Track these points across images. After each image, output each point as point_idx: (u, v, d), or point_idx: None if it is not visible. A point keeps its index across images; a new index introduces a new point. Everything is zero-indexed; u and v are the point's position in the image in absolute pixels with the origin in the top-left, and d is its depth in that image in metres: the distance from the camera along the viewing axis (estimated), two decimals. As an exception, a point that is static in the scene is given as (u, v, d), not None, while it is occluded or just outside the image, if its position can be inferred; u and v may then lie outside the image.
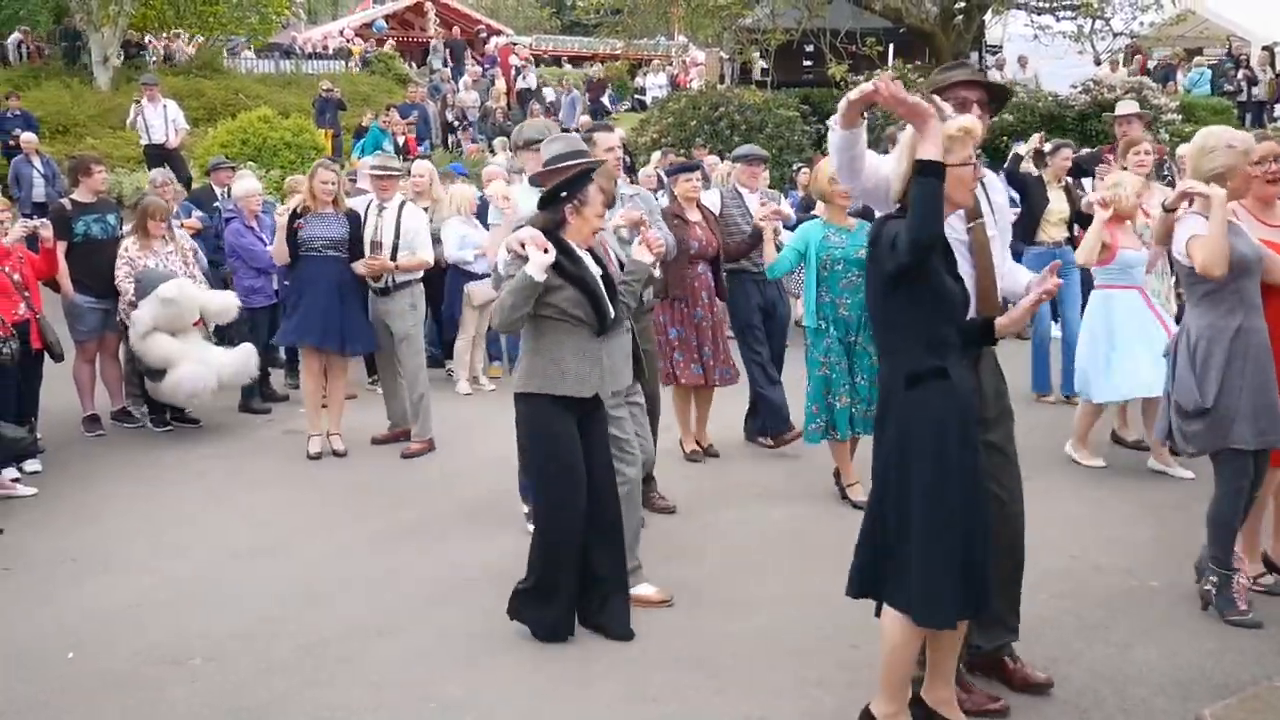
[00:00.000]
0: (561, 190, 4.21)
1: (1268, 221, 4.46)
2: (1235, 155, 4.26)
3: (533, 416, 4.26)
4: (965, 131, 3.17)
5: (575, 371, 4.18)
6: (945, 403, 3.17)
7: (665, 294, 6.45)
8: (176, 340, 7.28)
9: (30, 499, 6.22)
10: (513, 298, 4.10)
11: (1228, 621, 4.29)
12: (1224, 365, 4.17)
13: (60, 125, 17.60)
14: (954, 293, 3.19)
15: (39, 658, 4.25)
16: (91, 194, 7.62)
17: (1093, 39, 16.84)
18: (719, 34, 18.49)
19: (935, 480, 3.15)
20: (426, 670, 4.09)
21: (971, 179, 3.19)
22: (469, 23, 31.71)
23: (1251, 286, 4.20)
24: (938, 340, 3.18)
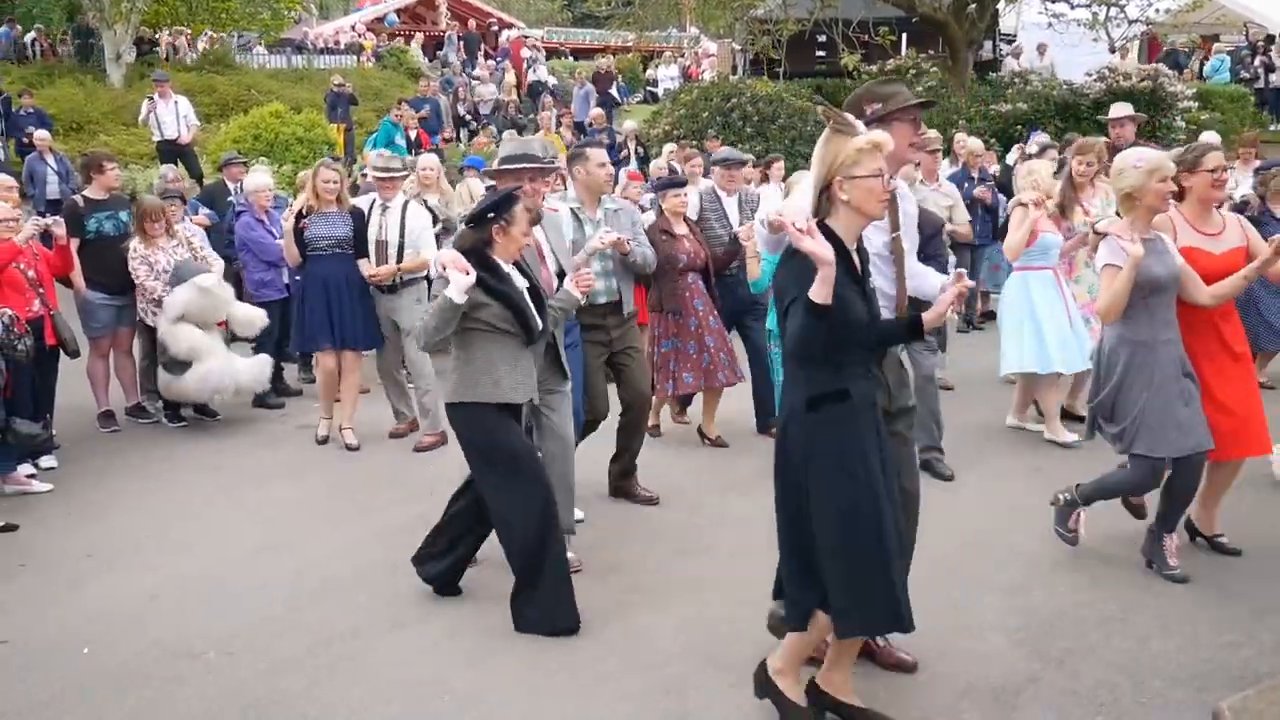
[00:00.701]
0: (488, 211, 4.32)
1: (1203, 230, 4.69)
2: (1141, 175, 4.45)
3: (471, 425, 4.32)
4: (873, 145, 3.26)
5: (509, 380, 4.30)
6: (848, 421, 3.28)
7: (660, 307, 6.64)
8: (207, 336, 7.37)
9: (46, 495, 6.25)
10: (435, 320, 4.20)
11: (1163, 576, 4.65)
12: (1123, 376, 4.51)
13: (74, 122, 17.68)
14: (859, 319, 3.26)
15: (55, 652, 4.27)
16: (104, 191, 7.65)
17: (1108, 26, 16.69)
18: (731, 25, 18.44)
19: (846, 499, 3.25)
20: (436, 665, 4.09)
21: (881, 191, 3.27)
22: (481, 16, 31.69)
23: (1162, 304, 4.48)
24: (839, 364, 3.27)
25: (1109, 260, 4.46)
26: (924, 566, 4.82)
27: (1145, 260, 4.36)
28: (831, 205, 3.30)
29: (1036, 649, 4.06)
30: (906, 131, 3.77)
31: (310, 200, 7.06)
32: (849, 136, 3.27)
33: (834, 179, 3.27)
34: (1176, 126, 15.64)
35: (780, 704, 3.59)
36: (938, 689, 3.79)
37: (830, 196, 3.30)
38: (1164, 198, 4.49)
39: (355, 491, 6.25)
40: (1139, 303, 4.44)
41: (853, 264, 3.31)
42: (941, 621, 4.23)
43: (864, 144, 3.24)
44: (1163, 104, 15.74)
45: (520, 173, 4.85)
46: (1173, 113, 15.79)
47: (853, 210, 3.28)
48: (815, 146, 3.40)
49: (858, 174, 3.23)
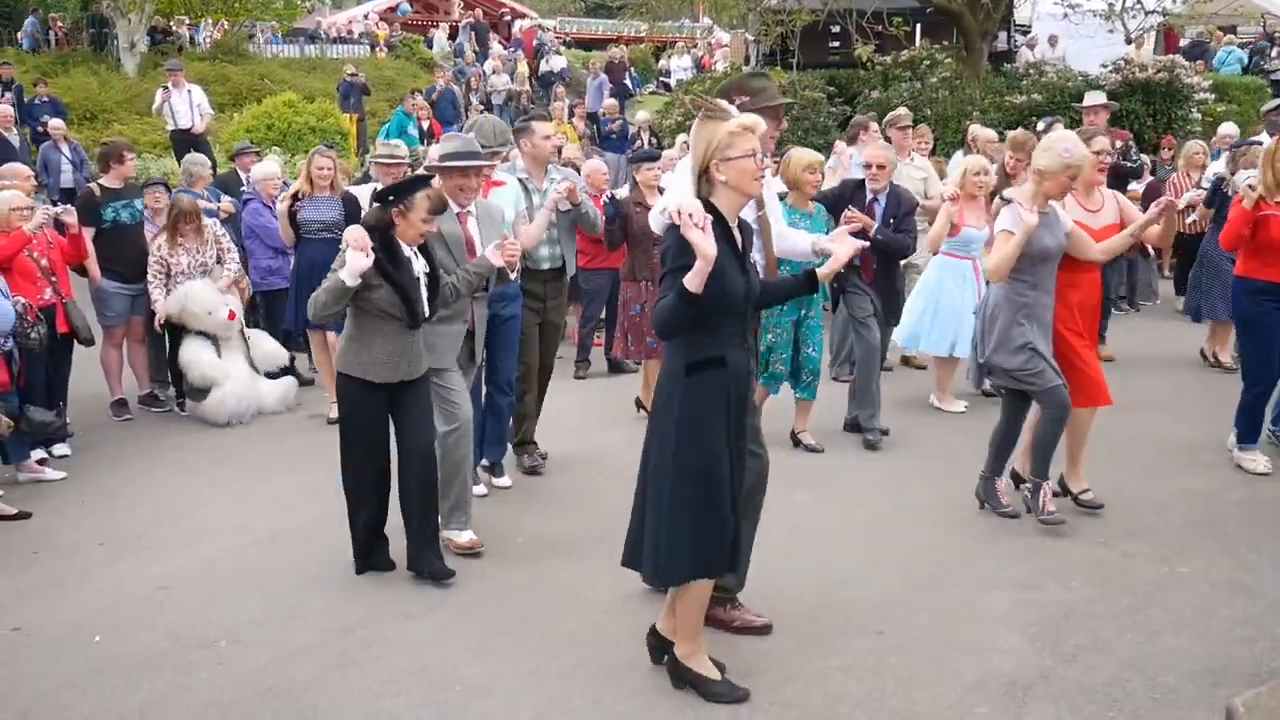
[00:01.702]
0: (390, 194, 4.53)
1: (1086, 206, 5.31)
2: (1059, 163, 4.83)
3: (344, 393, 4.65)
4: (744, 128, 3.46)
5: (385, 360, 4.54)
6: (723, 385, 3.51)
7: (633, 275, 7.10)
8: (221, 360, 7.46)
9: (59, 483, 6.28)
10: (325, 296, 4.43)
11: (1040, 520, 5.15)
12: (1004, 331, 5.00)
13: (88, 111, 17.73)
14: (736, 291, 3.46)
15: (67, 640, 4.29)
16: (121, 180, 7.68)
17: (1123, 17, 16.55)
18: (744, 15, 18.34)
19: (706, 457, 3.50)
20: (446, 656, 4.09)
21: (756, 169, 3.47)
22: (493, 6, 31.65)
23: (1047, 272, 4.98)
24: (717, 331, 3.48)
25: (1005, 226, 4.88)
26: (934, 560, 4.82)
27: (1038, 231, 4.84)
28: (711, 186, 3.51)
29: (1048, 644, 4.04)
30: (769, 126, 3.98)
31: (304, 185, 7.31)
32: (721, 121, 3.49)
33: (710, 162, 3.48)
34: (1193, 118, 15.51)
35: (699, 684, 3.73)
36: (948, 684, 3.78)
37: (709, 178, 3.50)
38: (1065, 190, 4.98)
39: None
40: (1027, 269, 4.91)
41: (733, 239, 3.52)
42: (953, 616, 4.22)
43: (735, 127, 3.46)
44: (1179, 95, 15.60)
45: (462, 170, 5.01)
46: (1189, 104, 15.66)
47: (730, 189, 3.49)
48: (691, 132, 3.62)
49: (732, 155, 3.45)
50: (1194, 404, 7.22)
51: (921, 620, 4.26)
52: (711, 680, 3.72)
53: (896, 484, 5.90)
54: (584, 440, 6.73)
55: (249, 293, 8.15)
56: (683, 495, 3.52)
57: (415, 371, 4.66)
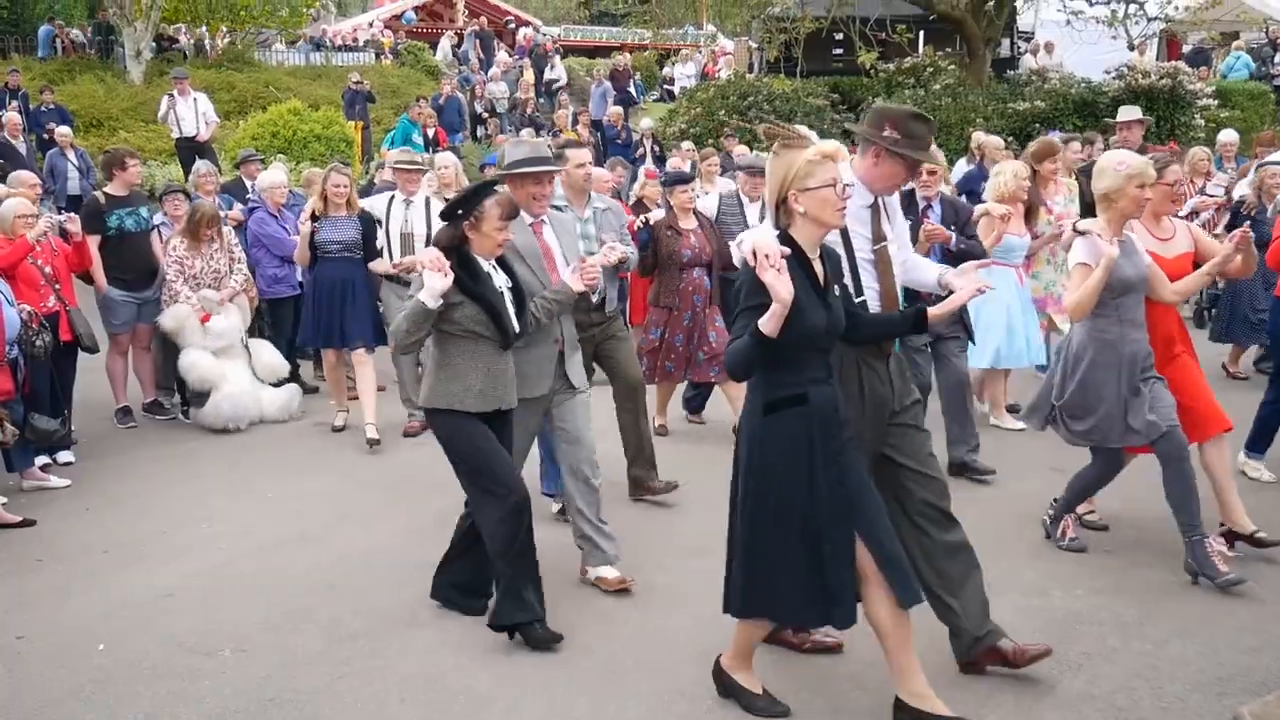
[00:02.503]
0: (458, 208, 4.22)
1: (1158, 235, 4.92)
2: (1121, 179, 4.53)
3: (448, 433, 4.22)
4: (824, 155, 3.32)
5: (480, 388, 4.18)
6: (805, 423, 3.34)
7: (656, 300, 6.82)
8: (220, 364, 7.47)
9: (63, 490, 6.28)
10: (407, 323, 4.10)
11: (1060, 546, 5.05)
12: (1087, 373, 4.62)
13: (94, 119, 17.77)
14: (817, 327, 3.30)
15: (72, 648, 4.29)
16: (125, 187, 7.69)
17: (1126, 24, 16.58)
18: (747, 23, 18.38)
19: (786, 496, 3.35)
20: (455, 662, 4.09)
21: (836, 200, 3.32)
22: (497, 13, 31.68)
23: (1132, 303, 4.60)
24: (798, 367, 3.35)
25: (1083, 259, 4.53)
26: (941, 568, 4.81)
27: (1120, 261, 4.47)
28: (789, 218, 3.38)
29: (1055, 653, 4.02)
30: (901, 172, 3.78)
31: (318, 205, 7.20)
32: (799, 149, 3.34)
33: (788, 192, 3.34)
34: (1196, 125, 15.52)
35: (740, 695, 3.70)
36: (956, 694, 3.76)
37: (787, 209, 3.37)
38: (1140, 204, 4.57)
39: (372, 489, 6.26)
40: (1108, 302, 4.55)
41: (813, 272, 3.37)
42: (958, 624, 4.20)
43: (814, 155, 3.31)
44: (1182, 102, 15.63)
45: (535, 176, 4.63)
46: (1192, 111, 15.67)
47: (810, 220, 3.34)
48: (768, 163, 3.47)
49: (811, 185, 3.30)
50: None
51: (927, 629, 4.24)
52: (754, 694, 3.69)
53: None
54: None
55: (256, 301, 8.16)
56: (764, 535, 3.40)
57: (510, 399, 4.30)
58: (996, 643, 3.83)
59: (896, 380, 3.80)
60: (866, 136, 3.76)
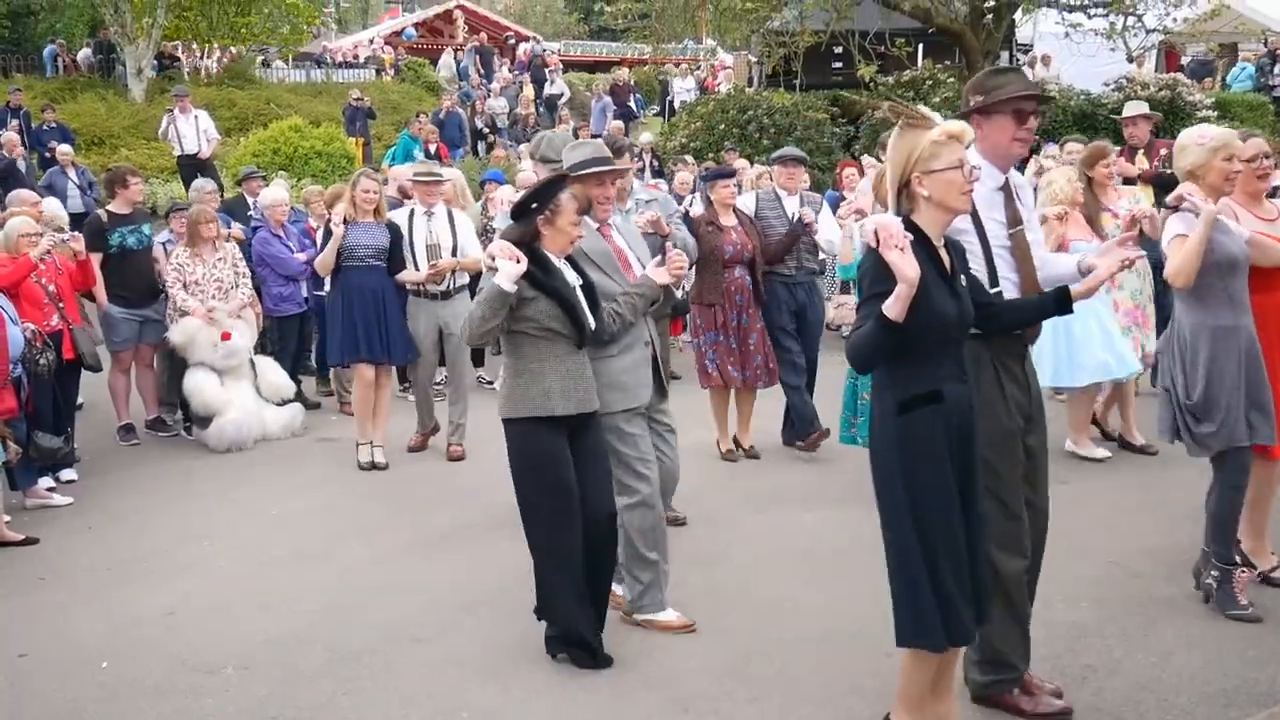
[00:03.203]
0: (532, 201, 4.08)
1: (1259, 215, 4.50)
2: (1205, 152, 4.32)
3: (523, 441, 4.08)
4: (950, 136, 3.13)
5: (560, 389, 4.03)
6: (941, 423, 3.12)
7: (700, 299, 6.58)
8: (224, 388, 7.46)
9: (66, 508, 6.28)
10: (482, 309, 3.95)
11: (1228, 616, 4.32)
12: (1209, 362, 4.23)
13: (95, 137, 17.81)
14: (947, 317, 3.09)
15: (74, 666, 4.29)
16: (127, 205, 7.71)
17: (1125, 36, 16.61)
18: (747, 37, 18.42)
19: (922, 506, 3.11)
20: (459, 679, 4.08)
21: (963, 183, 3.12)
22: (497, 29, 31.83)
23: (1238, 285, 4.26)
24: (929, 362, 3.13)
25: (1179, 230, 4.21)
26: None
27: (1217, 236, 4.15)
28: (913, 202, 3.18)
29: (1059, 665, 4.01)
30: (1007, 124, 3.57)
31: (349, 211, 6.98)
32: (923, 130, 3.14)
33: (912, 175, 3.14)
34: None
35: None
36: (960, 707, 3.75)
37: (910, 193, 3.17)
38: (1228, 176, 4.32)
39: (374, 504, 6.27)
40: (1216, 284, 4.21)
41: (939, 259, 3.16)
42: (962, 637, 4.19)
43: (939, 136, 3.12)
44: (1181, 113, 15.65)
45: (599, 177, 4.44)
46: (1191, 122, 15.69)
47: (934, 205, 3.14)
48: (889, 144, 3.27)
49: (936, 168, 3.10)
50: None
51: (931, 642, 4.23)
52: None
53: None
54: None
55: (262, 316, 8.14)
56: (902, 548, 3.15)
57: (591, 401, 4.12)
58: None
59: (1033, 381, 3.63)
60: (961, 114, 3.56)
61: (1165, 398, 4.49)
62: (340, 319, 6.99)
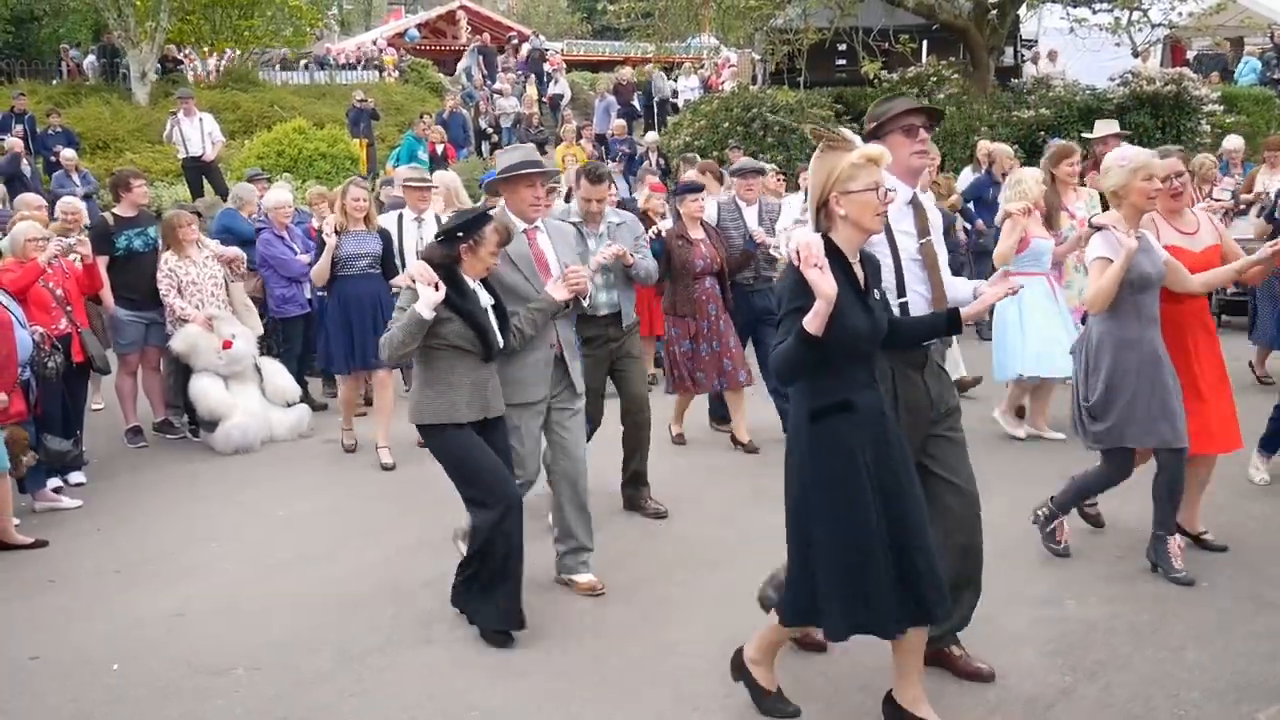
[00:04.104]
0: (457, 230, 4.36)
1: (1180, 228, 4.89)
2: (1125, 174, 4.56)
3: (441, 445, 4.39)
4: (867, 159, 3.29)
5: (466, 399, 4.35)
6: (851, 432, 3.32)
7: (674, 310, 6.84)
8: (230, 392, 7.48)
9: (75, 511, 6.30)
10: (401, 334, 4.26)
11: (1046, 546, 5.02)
12: (1110, 368, 4.59)
13: (100, 141, 17.86)
14: (859, 330, 3.28)
15: (84, 668, 4.29)
16: (133, 208, 7.73)
17: (1130, 30, 16.56)
18: (750, 35, 18.39)
19: (839, 507, 3.31)
20: (463, 681, 4.08)
21: (878, 204, 3.30)
22: (500, 30, 31.82)
23: (1149, 301, 4.59)
24: (841, 374, 3.32)
25: (1101, 253, 4.53)
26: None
27: (1136, 257, 4.46)
28: (830, 221, 3.36)
29: (1069, 661, 4.01)
30: (902, 141, 3.77)
31: (339, 220, 7.09)
32: (843, 152, 3.33)
33: (830, 195, 3.33)
34: (1202, 130, 15.50)
35: (754, 690, 3.72)
36: (969, 702, 3.75)
37: (829, 212, 3.36)
38: (1149, 196, 4.57)
39: (382, 506, 6.27)
40: (1127, 299, 4.54)
41: (854, 276, 3.35)
42: (972, 634, 4.18)
43: (858, 158, 3.30)
44: (1187, 108, 15.61)
45: (527, 179, 4.71)
46: (1197, 116, 15.65)
47: (850, 224, 3.33)
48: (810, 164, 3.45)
49: (853, 189, 3.29)
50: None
51: (940, 638, 4.23)
52: (766, 692, 3.70)
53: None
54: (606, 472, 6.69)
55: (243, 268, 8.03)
56: (802, 542, 3.41)
57: (497, 408, 4.47)
58: (948, 647, 3.91)
59: (933, 386, 3.79)
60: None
61: (1075, 400, 4.89)
62: (338, 327, 7.11)
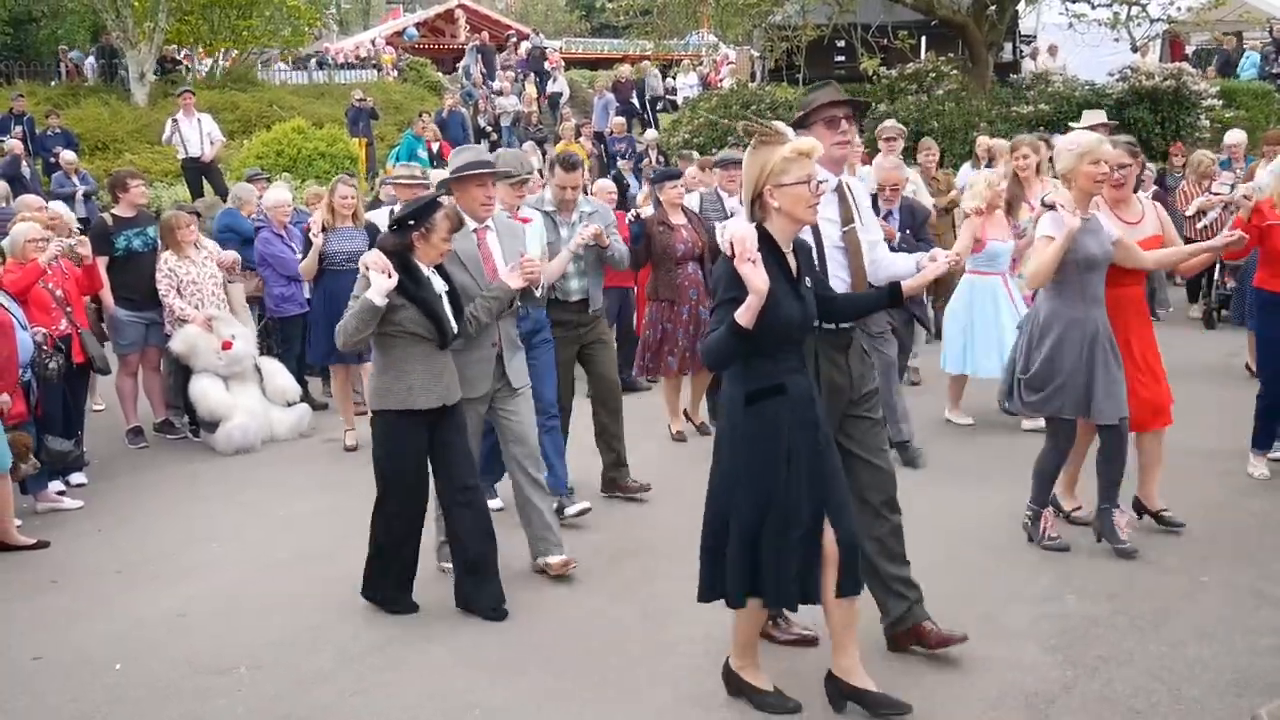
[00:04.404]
0: (410, 218, 4.45)
1: (1124, 218, 5.05)
2: (1073, 158, 4.72)
3: (385, 431, 4.51)
4: (799, 152, 3.39)
5: (422, 385, 4.44)
6: (782, 415, 3.45)
7: (656, 295, 7.06)
8: (230, 393, 7.47)
9: (76, 511, 6.30)
10: (354, 321, 4.36)
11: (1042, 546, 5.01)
12: (1054, 345, 4.77)
13: (99, 142, 17.85)
14: (790, 317, 3.40)
15: (86, 668, 4.30)
16: (132, 208, 7.73)
17: (1129, 25, 16.55)
18: (749, 32, 18.38)
19: (765, 487, 3.44)
20: (464, 679, 4.08)
21: (810, 196, 3.41)
22: (498, 28, 31.80)
23: (1094, 280, 4.75)
24: (774, 359, 3.44)
25: (1046, 231, 4.68)
26: (955, 575, 4.79)
27: (1082, 238, 4.63)
28: (764, 212, 3.47)
29: (1070, 656, 4.01)
30: (824, 132, 3.88)
31: (326, 217, 7.25)
32: (776, 146, 3.43)
33: (764, 188, 3.43)
34: (1201, 125, 15.49)
35: (750, 693, 3.75)
36: (970, 698, 3.76)
37: (763, 204, 3.46)
38: (1095, 179, 4.71)
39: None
40: (1074, 279, 4.71)
41: (787, 265, 3.47)
42: (973, 630, 4.19)
43: (790, 153, 3.39)
44: (1186, 103, 15.60)
45: (478, 179, 4.87)
46: (1197, 111, 15.64)
47: (784, 216, 3.44)
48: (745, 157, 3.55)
49: (786, 182, 3.39)
50: (1211, 411, 7.16)
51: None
52: (764, 691, 3.73)
53: (914, 500, 5.85)
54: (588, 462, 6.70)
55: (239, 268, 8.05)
56: (720, 519, 3.53)
57: (454, 395, 4.57)
58: (920, 623, 3.99)
59: (856, 368, 3.92)
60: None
61: (1009, 367, 5.12)
62: (324, 321, 7.18)
